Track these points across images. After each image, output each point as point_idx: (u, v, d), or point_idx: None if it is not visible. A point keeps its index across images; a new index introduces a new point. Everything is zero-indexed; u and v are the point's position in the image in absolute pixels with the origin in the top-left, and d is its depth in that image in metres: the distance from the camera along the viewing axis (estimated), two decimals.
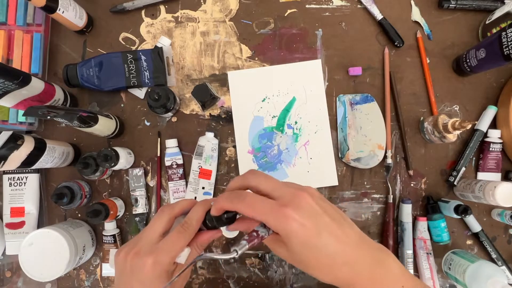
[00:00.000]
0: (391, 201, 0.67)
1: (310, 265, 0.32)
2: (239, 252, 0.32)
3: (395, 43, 0.68)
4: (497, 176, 0.67)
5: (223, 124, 0.69)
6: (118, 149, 0.63)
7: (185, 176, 0.68)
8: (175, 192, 0.67)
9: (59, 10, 0.59)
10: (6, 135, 0.52)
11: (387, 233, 0.66)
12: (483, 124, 0.67)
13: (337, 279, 0.32)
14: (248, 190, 0.37)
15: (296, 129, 0.68)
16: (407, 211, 0.66)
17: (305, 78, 0.69)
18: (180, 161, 0.67)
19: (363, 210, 0.68)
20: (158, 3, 0.70)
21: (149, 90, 0.68)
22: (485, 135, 0.67)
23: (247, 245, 0.33)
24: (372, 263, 0.32)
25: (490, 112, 0.67)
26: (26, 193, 0.65)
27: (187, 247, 0.38)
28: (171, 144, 0.67)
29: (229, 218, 0.37)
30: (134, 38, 0.70)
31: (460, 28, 0.70)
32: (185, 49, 0.70)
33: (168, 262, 0.36)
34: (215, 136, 0.68)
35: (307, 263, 0.32)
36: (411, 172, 0.68)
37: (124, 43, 0.70)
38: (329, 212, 0.33)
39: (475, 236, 0.67)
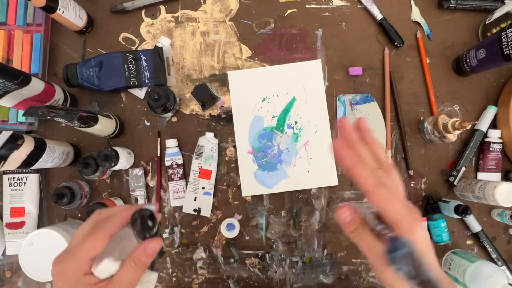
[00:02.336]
0: None
1: None
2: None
3: (395, 43, 0.68)
4: (497, 176, 0.67)
5: (223, 124, 0.69)
6: (118, 149, 0.63)
7: (185, 176, 0.68)
8: (175, 192, 0.67)
9: (59, 10, 0.59)
10: (6, 135, 0.52)
11: None
12: (483, 124, 0.67)
13: None
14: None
15: (296, 129, 0.68)
16: None
17: (305, 78, 0.69)
18: (180, 161, 0.67)
19: (363, 210, 0.68)
20: (158, 3, 0.70)
21: (149, 90, 0.68)
22: (485, 135, 0.67)
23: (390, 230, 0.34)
24: None
25: (490, 112, 0.67)
26: (26, 193, 0.65)
27: (108, 259, 0.33)
28: (171, 144, 0.67)
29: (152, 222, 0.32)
30: (134, 38, 0.70)
31: (460, 28, 0.70)
32: (185, 49, 0.70)
33: (73, 269, 0.32)
34: (215, 136, 0.68)
35: None
36: (411, 172, 0.68)
37: (124, 43, 0.70)
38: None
39: (475, 236, 0.67)
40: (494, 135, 0.66)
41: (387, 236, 0.34)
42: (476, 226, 0.66)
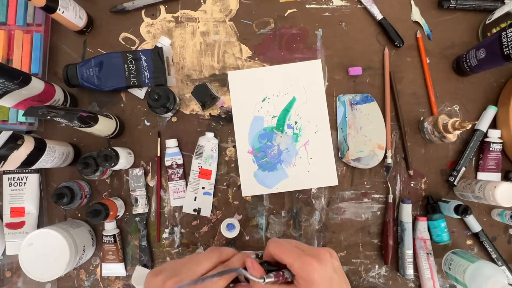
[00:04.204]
0: (391, 201, 0.67)
1: None
2: (266, 281, 0.35)
3: (395, 43, 0.68)
4: (497, 176, 0.67)
5: (223, 124, 0.69)
6: (118, 149, 0.63)
7: (185, 176, 0.68)
8: (175, 192, 0.67)
9: (59, 10, 0.59)
10: (6, 135, 0.52)
11: (387, 233, 0.66)
12: (483, 124, 0.67)
13: None
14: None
15: (296, 129, 0.68)
16: (407, 211, 0.66)
17: (305, 78, 0.69)
18: (180, 161, 0.67)
19: (363, 210, 0.68)
20: (158, 3, 0.70)
21: (149, 90, 0.68)
22: (485, 135, 0.67)
23: (273, 279, 0.36)
24: None
25: (490, 112, 0.67)
26: (26, 193, 0.65)
27: None
28: (171, 144, 0.67)
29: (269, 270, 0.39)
30: (134, 38, 0.70)
31: (460, 28, 0.70)
32: (185, 49, 0.70)
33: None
34: (215, 136, 0.68)
35: None
36: (411, 172, 0.68)
37: (124, 43, 0.70)
38: (340, 273, 0.38)
39: (475, 236, 0.67)
40: (494, 135, 0.66)
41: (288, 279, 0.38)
42: (476, 226, 0.66)
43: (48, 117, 0.52)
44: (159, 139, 0.69)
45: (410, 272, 0.65)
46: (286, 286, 0.37)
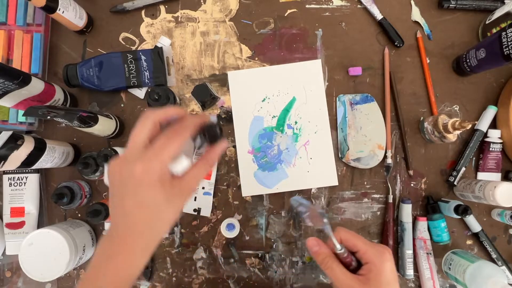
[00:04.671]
0: (391, 201, 0.67)
1: None
2: (342, 249, 0.39)
3: (395, 43, 0.68)
4: (497, 176, 0.67)
5: (223, 124, 0.69)
6: (118, 149, 0.62)
7: None
8: None
9: (59, 10, 0.59)
10: (6, 135, 0.52)
11: (387, 233, 0.66)
12: (483, 124, 0.67)
13: None
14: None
15: (296, 129, 0.68)
16: (407, 211, 0.66)
17: (305, 78, 0.69)
18: None
19: (363, 210, 0.68)
20: (158, 3, 0.70)
21: (149, 90, 0.68)
22: (485, 135, 0.67)
23: (346, 253, 0.39)
24: None
25: (490, 112, 0.67)
26: (26, 193, 0.65)
27: (186, 158, 0.37)
28: None
29: (219, 130, 0.40)
30: (134, 38, 0.70)
31: (460, 28, 0.70)
32: (185, 49, 0.70)
33: (159, 168, 0.34)
34: None
35: None
36: (411, 172, 0.68)
37: (124, 43, 0.70)
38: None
39: (475, 236, 0.67)
40: (494, 135, 0.66)
41: (352, 265, 0.40)
42: (476, 226, 0.66)
43: (48, 117, 0.52)
44: None
45: (410, 272, 0.65)
46: (347, 272, 0.39)
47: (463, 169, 0.67)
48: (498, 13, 0.64)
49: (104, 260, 0.36)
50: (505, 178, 0.68)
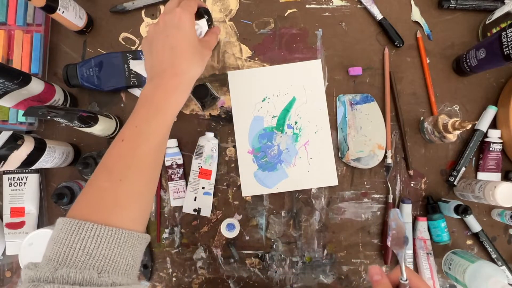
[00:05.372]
0: (391, 201, 0.67)
1: None
2: (407, 282, 0.42)
3: (395, 43, 0.68)
4: (497, 176, 0.67)
5: (223, 124, 0.69)
6: None
7: (185, 176, 0.68)
8: (175, 192, 0.67)
9: (59, 10, 0.59)
10: (6, 135, 0.52)
11: (387, 233, 0.66)
12: (483, 124, 0.67)
13: None
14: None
15: (296, 129, 0.68)
16: (407, 211, 0.66)
17: (305, 78, 0.69)
18: (180, 161, 0.67)
19: (363, 210, 0.68)
20: (158, 3, 0.70)
21: None
22: (485, 135, 0.67)
23: (407, 281, 0.42)
24: None
25: (490, 112, 0.67)
26: (26, 193, 0.65)
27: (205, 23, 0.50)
28: (171, 144, 0.67)
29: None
30: (134, 38, 0.70)
31: (460, 28, 0.70)
32: None
33: (191, 16, 0.45)
34: (215, 136, 0.68)
35: None
36: (411, 172, 0.68)
37: (124, 43, 0.70)
38: None
39: (475, 236, 0.67)
40: (494, 135, 0.66)
41: None
42: (476, 226, 0.66)
43: (48, 117, 0.52)
44: None
45: None
46: None
47: (463, 169, 0.67)
48: (498, 13, 0.64)
49: (163, 96, 0.43)
50: (505, 178, 0.68)
